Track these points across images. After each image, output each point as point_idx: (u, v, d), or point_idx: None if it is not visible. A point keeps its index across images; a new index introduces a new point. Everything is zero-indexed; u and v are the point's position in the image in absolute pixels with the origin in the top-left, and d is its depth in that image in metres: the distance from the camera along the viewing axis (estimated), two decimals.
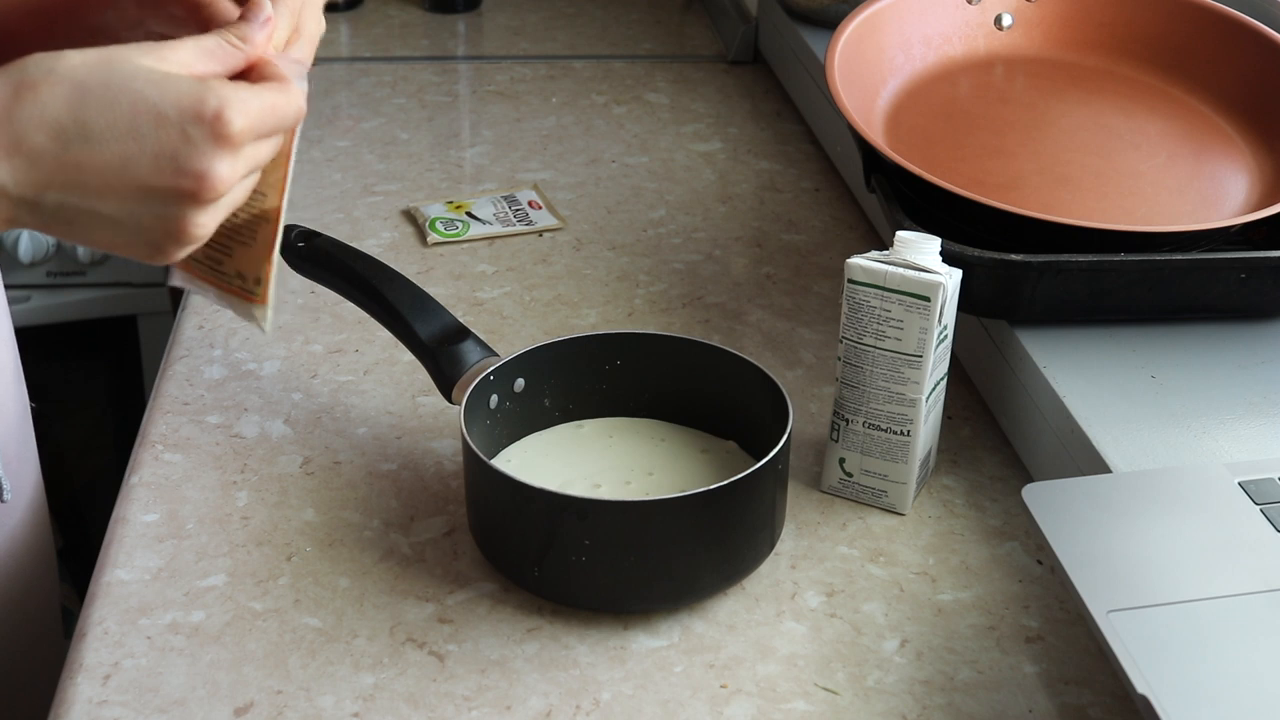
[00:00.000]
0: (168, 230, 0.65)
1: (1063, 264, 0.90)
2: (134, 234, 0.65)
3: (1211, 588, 0.68)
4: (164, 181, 0.63)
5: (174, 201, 0.64)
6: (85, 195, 0.63)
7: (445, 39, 1.72)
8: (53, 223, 0.65)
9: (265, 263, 0.72)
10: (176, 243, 0.66)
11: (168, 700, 0.74)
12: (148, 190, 0.63)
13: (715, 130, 1.45)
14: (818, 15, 1.43)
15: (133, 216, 0.64)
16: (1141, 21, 1.12)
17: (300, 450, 0.94)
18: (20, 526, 0.96)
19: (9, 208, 0.64)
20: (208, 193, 0.64)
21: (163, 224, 0.65)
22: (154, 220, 0.64)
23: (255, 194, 0.70)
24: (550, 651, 0.78)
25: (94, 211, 0.64)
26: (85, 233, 0.66)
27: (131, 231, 0.65)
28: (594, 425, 0.91)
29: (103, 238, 0.66)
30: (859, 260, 0.84)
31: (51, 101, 0.62)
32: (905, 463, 0.87)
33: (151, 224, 0.65)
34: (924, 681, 0.76)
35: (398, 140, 1.41)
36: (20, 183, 0.63)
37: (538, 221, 1.24)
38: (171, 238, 0.65)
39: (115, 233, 0.65)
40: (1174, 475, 0.77)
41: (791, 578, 0.84)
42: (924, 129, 1.05)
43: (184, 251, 0.67)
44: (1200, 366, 0.91)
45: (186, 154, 0.63)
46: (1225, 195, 1.01)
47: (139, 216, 0.64)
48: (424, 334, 0.89)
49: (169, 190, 0.63)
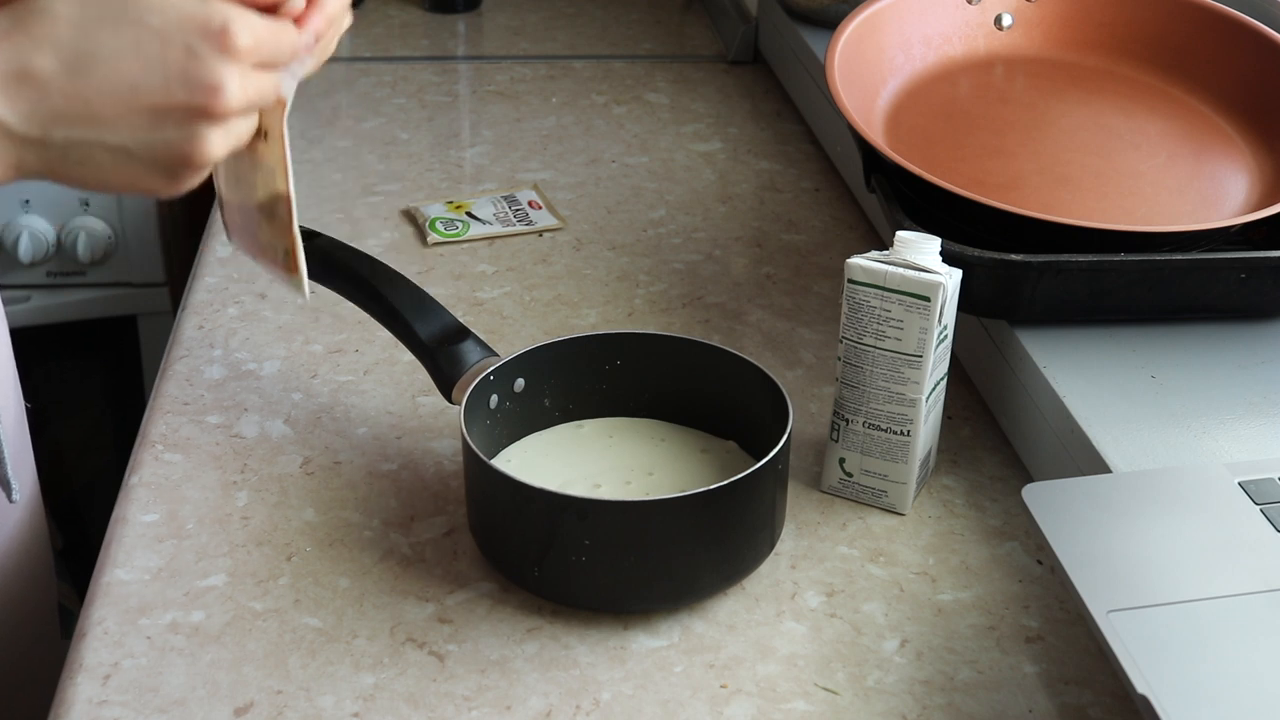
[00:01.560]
0: (181, 154, 0.64)
1: (1063, 264, 0.90)
2: (147, 163, 0.64)
3: (1211, 588, 0.68)
4: (175, 100, 0.62)
5: (186, 121, 0.63)
6: (95, 126, 0.62)
7: (445, 39, 1.72)
8: (61, 163, 0.63)
9: (289, 235, 0.74)
10: (190, 166, 0.64)
11: (168, 700, 0.74)
12: (160, 112, 0.62)
13: (715, 130, 1.45)
14: (818, 15, 1.43)
15: (144, 144, 0.63)
16: (1141, 21, 1.12)
17: (300, 450, 0.94)
18: (19, 527, 0.96)
19: (15, 150, 0.62)
20: (220, 107, 0.62)
21: (176, 147, 0.63)
22: (166, 145, 0.63)
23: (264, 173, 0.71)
24: (550, 651, 0.78)
25: (104, 144, 0.63)
26: (96, 170, 0.64)
27: (145, 161, 0.64)
28: (594, 425, 0.91)
29: (114, 173, 0.64)
30: (859, 260, 0.84)
31: (55, 29, 0.61)
32: (905, 463, 0.87)
33: (165, 149, 0.63)
34: (924, 681, 0.76)
35: (398, 140, 1.41)
36: (27, 117, 0.61)
37: (538, 221, 1.24)
38: (185, 161, 0.64)
39: (127, 164, 0.64)
40: (1174, 475, 0.77)
41: (791, 578, 0.84)
42: (924, 129, 1.05)
43: (197, 177, 0.65)
44: (1200, 366, 0.91)
45: (195, 69, 0.62)
46: (1225, 195, 1.01)
47: (151, 143, 0.63)
48: (424, 334, 0.89)
49: (181, 109, 0.62)
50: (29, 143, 0.62)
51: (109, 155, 0.63)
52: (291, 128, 0.71)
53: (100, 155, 0.63)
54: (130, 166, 0.64)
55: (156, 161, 0.64)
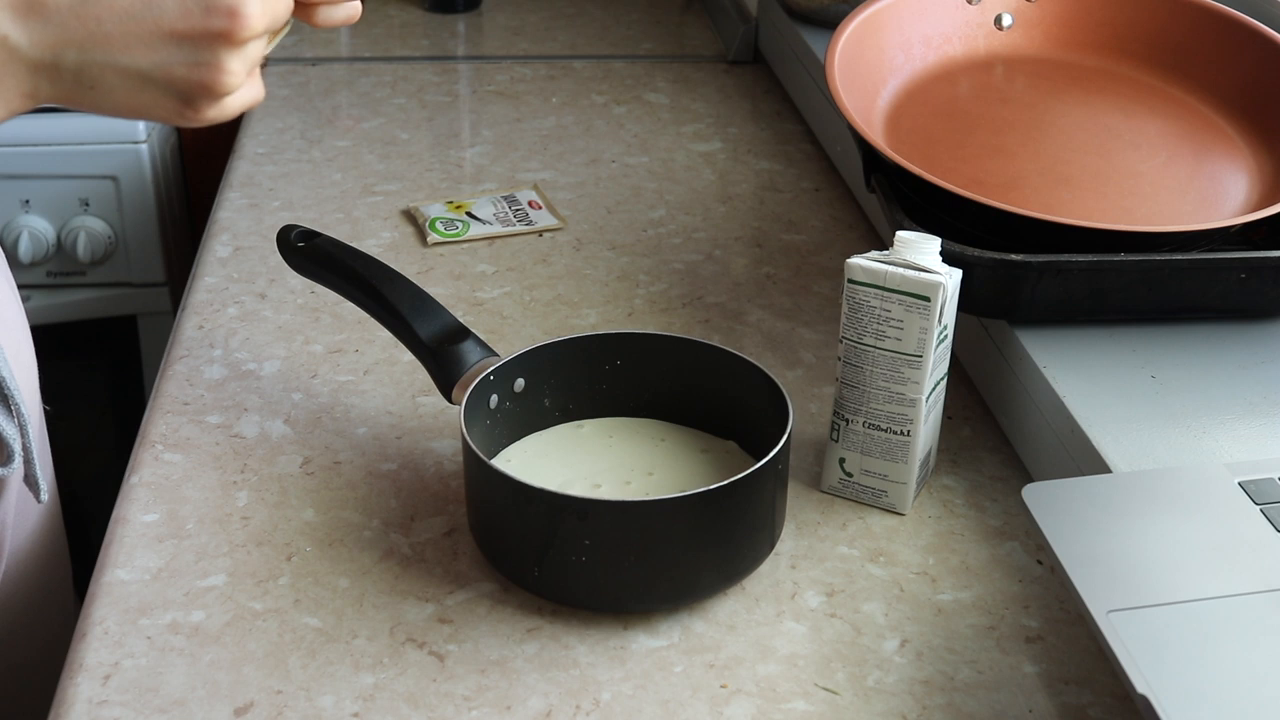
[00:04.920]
0: (200, 80, 0.62)
1: (1063, 264, 0.90)
2: (164, 89, 0.62)
3: (1211, 588, 0.68)
4: (193, 24, 0.61)
5: (205, 45, 0.61)
6: (108, 49, 0.61)
7: (445, 39, 1.72)
8: (75, 88, 0.62)
9: None
10: (209, 94, 0.63)
11: (168, 700, 0.74)
12: (176, 36, 0.61)
13: (715, 130, 1.45)
14: (818, 15, 1.43)
15: (161, 68, 0.61)
16: (1141, 21, 1.12)
17: (300, 450, 0.94)
18: (41, 529, 0.96)
19: (28, 77, 0.61)
20: (241, 30, 0.61)
21: (195, 73, 0.61)
22: (185, 70, 0.61)
23: None
24: (550, 651, 0.78)
25: (119, 67, 0.61)
26: (109, 95, 0.62)
27: (161, 87, 0.62)
28: (594, 425, 0.91)
29: (129, 99, 0.63)
30: (859, 260, 0.84)
31: None
32: (905, 463, 0.87)
33: (183, 74, 0.62)
34: (924, 681, 0.76)
35: (398, 140, 1.41)
36: (37, 42, 0.60)
37: (538, 221, 1.24)
38: (204, 88, 0.62)
39: (143, 90, 0.62)
40: (1174, 475, 0.77)
41: (791, 578, 0.84)
42: (924, 129, 1.05)
43: (216, 108, 0.63)
44: (1200, 366, 0.91)
45: None
46: (1225, 195, 1.01)
47: (169, 67, 0.61)
48: (424, 334, 0.89)
49: (200, 33, 0.61)
50: (42, 68, 0.61)
51: (123, 80, 0.62)
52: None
53: (113, 79, 0.62)
54: (146, 92, 0.62)
55: (174, 87, 0.62)
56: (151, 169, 1.64)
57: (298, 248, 0.95)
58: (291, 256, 0.96)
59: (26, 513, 0.94)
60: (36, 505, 0.94)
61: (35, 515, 0.95)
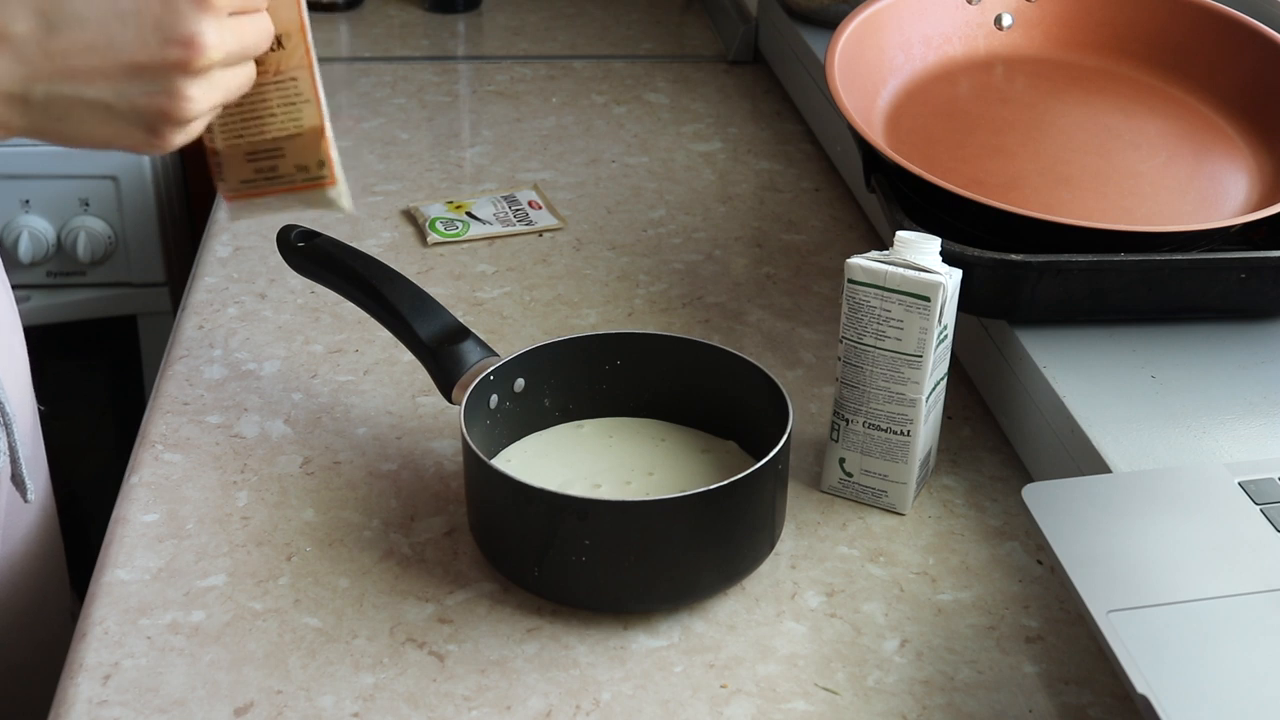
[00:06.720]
0: (161, 109, 0.64)
1: (1063, 264, 0.90)
2: (128, 118, 0.64)
3: (1211, 588, 0.68)
4: (152, 55, 0.63)
5: (164, 75, 0.63)
6: (74, 82, 0.63)
7: (445, 39, 1.72)
8: (44, 120, 0.64)
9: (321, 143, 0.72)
10: (170, 121, 0.65)
11: (168, 700, 0.74)
12: (137, 67, 0.63)
13: (715, 130, 1.45)
14: (818, 15, 1.43)
15: (124, 97, 0.63)
16: (1141, 21, 1.12)
17: (300, 450, 0.94)
18: (35, 528, 0.96)
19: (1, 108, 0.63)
20: (197, 59, 0.63)
21: (156, 101, 0.64)
22: (146, 99, 0.64)
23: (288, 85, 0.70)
24: (550, 651, 0.78)
25: (84, 100, 0.63)
26: (78, 126, 0.65)
27: (125, 116, 0.64)
28: (594, 425, 0.91)
29: (96, 129, 0.65)
30: (859, 260, 0.84)
31: None
32: (905, 463, 0.87)
33: (145, 103, 0.64)
34: (924, 681, 0.76)
35: (398, 140, 1.41)
36: (6, 76, 0.62)
37: (538, 221, 1.24)
38: (165, 117, 0.64)
39: (108, 120, 0.64)
40: (1174, 475, 0.77)
41: (791, 578, 0.84)
42: (924, 129, 1.05)
43: (179, 134, 0.65)
44: (1200, 366, 0.91)
45: (171, 22, 0.62)
46: (1225, 195, 1.01)
47: (131, 97, 0.63)
48: (424, 334, 0.89)
49: (158, 63, 0.63)
50: (11, 100, 0.63)
51: (89, 111, 0.64)
52: None
53: (81, 112, 0.64)
54: (112, 123, 0.64)
55: (139, 116, 0.64)
56: (151, 169, 1.64)
57: (298, 248, 0.95)
58: (291, 256, 0.96)
59: (18, 513, 0.94)
60: (30, 505, 0.94)
61: (28, 515, 0.95)
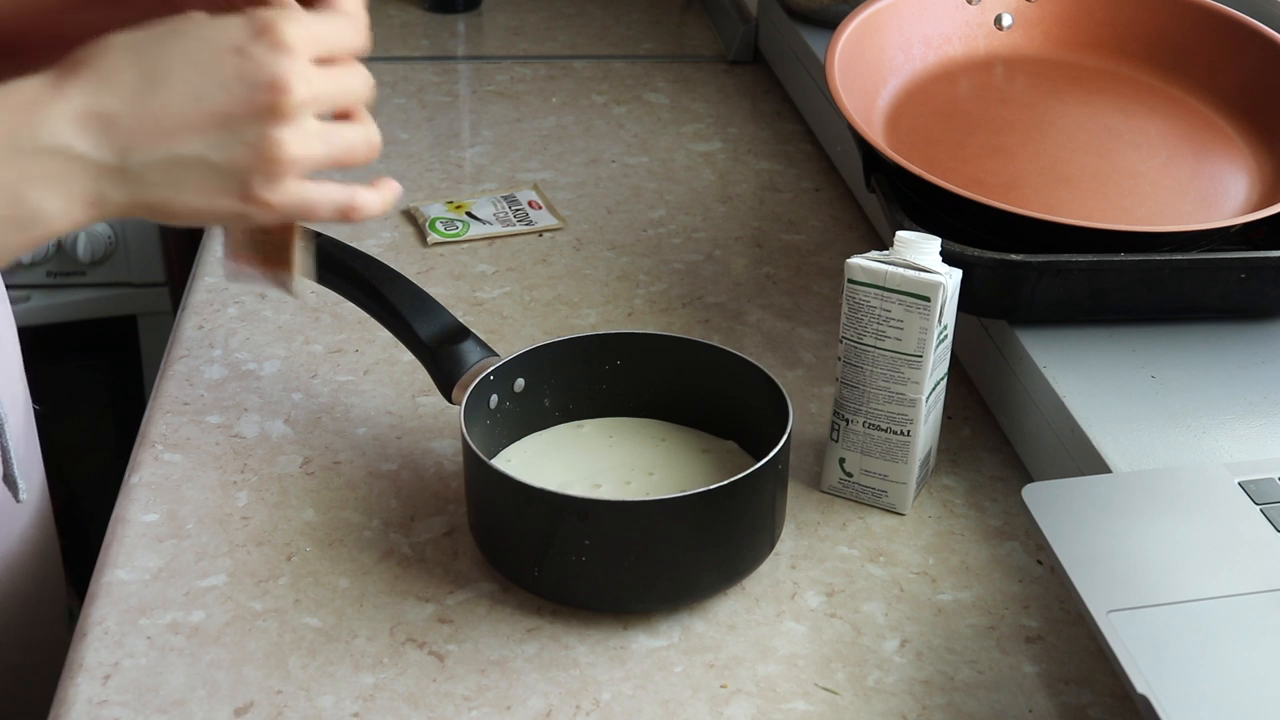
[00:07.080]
0: (258, 157, 0.64)
1: (1063, 264, 0.90)
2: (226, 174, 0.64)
3: (1211, 588, 0.68)
4: (239, 104, 0.63)
5: (255, 122, 0.63)
6: (167, 141, 0.63)
7: (445, 39, 1.72)
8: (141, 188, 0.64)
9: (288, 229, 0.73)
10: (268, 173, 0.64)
11: (168, 700, 0.74)
12: (226, 117, 0.63)
13: (715, 130, 1.45)
14: (818, 15, 1.43)
15: (220, 150, 0.63)
16: (1141, 21, 1.12)
17: (300, 450, 0.94)
18: (30, 528, 0.96)
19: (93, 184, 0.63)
20: (285, 100, 0.63)
21: (251, 151, 0.63)
22: (242, 149, 0.63)
23: None
24: (550, 651, 0.78)
25: (180, 158, 0.63)
26: (176, 189, 0.64)
27: (223, 172, 0.64)
28: (594, 425, 0.91)
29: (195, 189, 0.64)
30: (859, 260, 0.84)
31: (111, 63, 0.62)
32: (905, 463, 0.87)
33: (241, 154, 0.63)
34: (924, 681, 0.76)
35: (398, 140, 1.41)
36: (102, 145, 0.62)
37: (538, 221, 1.24)
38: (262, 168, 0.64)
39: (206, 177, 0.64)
40: (1174, 475, 0.77)
41: (791, 578, 0.84)
42: (924, 129, 1.05)
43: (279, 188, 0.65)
44: (1200, 366, 0.91)
45: (251, 70, 0.63)
46: (1225, 195, 1.01)
47: (227, 149, 0.63)
48: (424, 334, 0.89)
49: (247, 110, 0.63)
50: (108, 172, 0.63)
51: (187, 171, 0.64)
52: None
53: (178, 172, 0.64)
54: (210, 179, 0.64)
55: (236, 170, 0.64)
56: None
57: None
58: None
59: (12, 513, 0.94)
60: (24, 505, 0.94)
61: (23, 515, 0.95)
